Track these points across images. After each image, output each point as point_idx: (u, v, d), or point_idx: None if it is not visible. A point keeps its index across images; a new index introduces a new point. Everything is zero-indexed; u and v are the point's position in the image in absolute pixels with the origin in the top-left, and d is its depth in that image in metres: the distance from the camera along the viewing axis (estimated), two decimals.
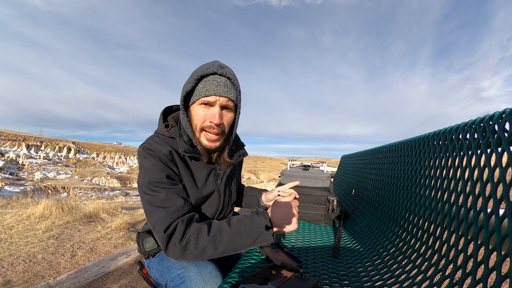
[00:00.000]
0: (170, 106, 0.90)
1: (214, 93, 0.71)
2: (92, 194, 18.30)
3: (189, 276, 0.71)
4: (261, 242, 0.69)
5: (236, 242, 0.68)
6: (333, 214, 1.34)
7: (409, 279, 0.67)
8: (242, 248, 0.69)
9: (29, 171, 33.53)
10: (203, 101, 0.73)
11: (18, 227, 2.77)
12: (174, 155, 0.76)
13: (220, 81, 0.73)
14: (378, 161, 1.40)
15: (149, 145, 0.75)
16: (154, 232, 0.69)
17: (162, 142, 0.76)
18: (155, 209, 0.69)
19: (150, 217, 0.70)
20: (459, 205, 0.66)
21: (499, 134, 0.57)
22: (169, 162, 0.75)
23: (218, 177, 0.87)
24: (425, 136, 0.92)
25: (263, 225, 0.70)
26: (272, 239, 0.70)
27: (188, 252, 0.66)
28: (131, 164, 47.93)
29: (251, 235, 0.68)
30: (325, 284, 0.69)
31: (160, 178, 0.71)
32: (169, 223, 0.67)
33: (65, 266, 1.97)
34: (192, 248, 0.66)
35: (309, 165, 1.54)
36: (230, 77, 0.73)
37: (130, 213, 3.82)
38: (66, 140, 50.14)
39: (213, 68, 0.71)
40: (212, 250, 0.67)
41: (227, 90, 0.73)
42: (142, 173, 0.73)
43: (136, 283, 1.79)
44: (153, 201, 0.70)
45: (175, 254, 0.67)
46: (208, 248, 0.66)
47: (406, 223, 0.89)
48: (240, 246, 0.68)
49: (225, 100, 0.74)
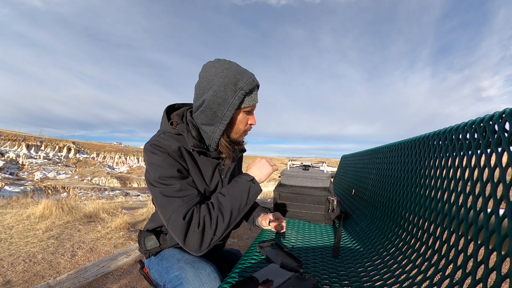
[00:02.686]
0: (173, 104, 0.91)
1: (256, 102, 0.82)
2: (92, 194, 18.30)
3: (186, 278, 0.70)
4: (254, 195, 0.80)
5: (235, 204, 0.76)
6: (333, 214, 1.34)
7: (409, 279, 0.67)
8: (243, 207, 0.78)
9: (29, 171, 33.52)
10: (251, 109, 0.82)
11: (18, 227, 2.77)
12: (182, 151, 0.78)
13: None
14: (378, 161, 1.40)
15: (157, 141, 0.76)
16: (171, 222, 0.69)
17: (169, 138, 0.78)
18: (170, 199, 0.71)
19: (165, 207, 0.71)
20: (459, 205, 0.66)
21: (499, 134, 0.57)
22: (178, 158, 0.76)
23: (222, 172, 0.91)
24: (425, 136, 0.92)
25: (248, 180, 0.81)
26: (260, 188, 0.83)
27: (207, 234, 0.70)
28: (131, 164, 47.88)
29: (243, 192, 0.78)
30: (325, 284, 0.69)
31: (172, 173, 0.73)
32: (186, 210, 0.70)
33: (65, 266, 1.97)
34: (208, 228, 0.70)
35: (309, 165, 1.54)
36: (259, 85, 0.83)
37: (130, 213, 3.82)
38: (66, 140, 50.12)
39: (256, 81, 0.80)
40: (222, 221, 0.72)
41: None
42: (152, 169, 0.74)
43: (136, 283, 1.79)
44: (167, 192, 0.71)
45: (195, 241, 0.69)
46: (219, 221, 0.72)
47: (406, 223, 0.89)
48: (241, 206, 0.77)
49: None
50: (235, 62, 0.79)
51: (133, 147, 56.45)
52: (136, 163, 47.74)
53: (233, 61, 0.79)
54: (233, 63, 0.78)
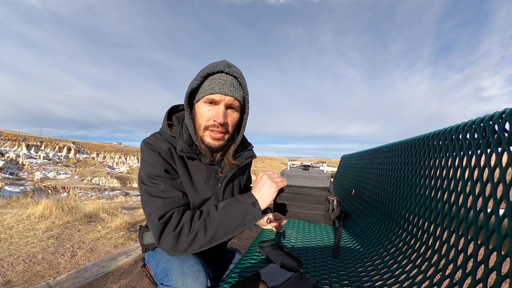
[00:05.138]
0: (177, 105, 0.90)
1: (219, 91, 0.71)
2: (92, 194, 18.30)
3: (171, 269, 0.71)
4: (250, 219, 0.71)
5: (225, 223, 0.68)
6: (333, 214, 1.34)
7: (409, 279, 0.67)
8: (232, 230, 0.69)
9: (29, 171, 33.53)
10: (208, 99, 0.73)
11: (18, 227, 2.77)
12: (173, 153, 0.77)
13: (227, 79, 0.73)
14: (378, 161, 1.40)
15: (151, 140, 0.77)
16: (149, 221, 0.69)
17: (163, 139, 0.78)
18: (152, 198, 0.70)
19: (146, 205, 0.71)
20: (459, 205, 0.66)
21: (499, 134, 0.57)
22: (168, 159, 0.76)
23: (219, 180, 0.85)
24: (425, 136, 0.92)
25: (249, 202, 0.72)
26: (260, 214, 0.72)
27: (181, 240, 0.66)
28: (131, 164, 47.91)
29: (238, 213, 0.70)
30: (325, 284, 0.69)
31: (160, 172, 0.73)
32: (165, 211, 0.68)
33: (65, 266, 1.97)
34: (185, 235, 0.66)
35: (309, 165, 1.54)
36: (237, 76, 0.73)
37: (130, 213, 3.82)
38: (66, 140, 50.14)
39: (220, 66, 0.72)
40: (203, 235, 0.66)
41: (233, 89, 0.73)
42: (143, 166, 0.75)
43: (136, 283, 1.79)
44: (151, 191, 0.71)
45: (168, 244, 0.66)
46: (199, 233, 0.66)
47: (406, 223, 0.89)
48: (230, 228, 0.69)
49: (230, 99, 0.74)
50: (226, 60, 0.76)
51: (133, 147, 56.48)
52: (136, 163, 47.78)
53: (226, 60, 0.77)
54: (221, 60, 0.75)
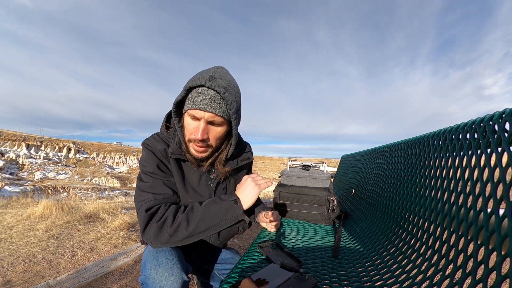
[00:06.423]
0: None
1: (199, 107, 0.70)
2: (92, 194, 18.30)
3: (148, 259, 0.73)
4: (231, 217, 0.76)
5: (206, 218, 0.74)
6: (333, 214, 1.34)
7: (409, 279, 0.67)
8: (214, 225, 0.74)
9: (29, 171, 33.53)
10: (190, 114, 0.73)
11: (18, 227, 2.77)
12: (168, 153, 0.81)
13: (208, 94, 0.70)
14: (378, 161, 1.40)
15: (148, 140, 0.84)
16: (138, 213, 0.74)
17: (160, 140, 0.84)
18: (143, 193, 0.76)
19: (137, 200, 0.77)
20: (459, 205, 0.66)
21: (499, 134, 0.57)
22: (163, 158, 0.81)
23: (211, 180, 0.88)
24: (425, 136, 0.92)
25: (230, 199, 0.78)
26: (242, 215, 0.78)
27: (164, 231, 0.70)
28: (131, 164, 47.90)
29: (220, 210, 0.76)
30: (325, 284, 0.69)
31: (153, 169, 0.78)
32: (152, 205, 0.73)
33: (65, 266, 1.97)
34: (168, 226, 0.70)
35: (309, 165, 1.54)
36: (219, 91, 0.69)
37: (130, 213, 3.82)
38: (66, 140, 50.15)
39: (202, 80, 0.69)
40: (184, 228, 0.71)
41: (214, 104, 0.70)
42: (140, 164, 0.83)
43: (136, 283, 1.79)
44: (143, 186, 0.77)
45: (151, 234, 0.71)
46: (181, 225, 0.71)
47: (406, 223, 0.89)
48: (211, 223, 0.74)
49: (210, 115, 0.71)
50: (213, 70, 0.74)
51: (133, 147, 56.51)
52: (136, 163, 47.78)
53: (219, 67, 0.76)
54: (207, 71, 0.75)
